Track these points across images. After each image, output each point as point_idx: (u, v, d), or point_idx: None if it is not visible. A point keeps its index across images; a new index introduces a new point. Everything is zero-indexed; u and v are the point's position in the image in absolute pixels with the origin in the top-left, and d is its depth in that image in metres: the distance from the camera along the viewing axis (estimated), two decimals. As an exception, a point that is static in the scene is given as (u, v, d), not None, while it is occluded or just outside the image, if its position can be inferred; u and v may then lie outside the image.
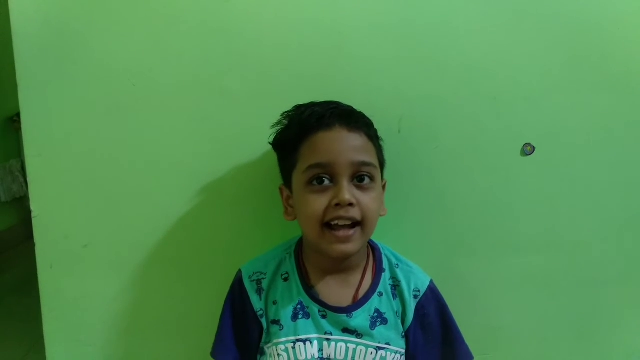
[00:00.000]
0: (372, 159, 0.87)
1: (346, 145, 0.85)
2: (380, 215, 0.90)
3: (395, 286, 0.92)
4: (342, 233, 0.83)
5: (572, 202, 1.12)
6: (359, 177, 0.84)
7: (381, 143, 0.94)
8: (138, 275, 1.09)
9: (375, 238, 0.92)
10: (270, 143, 0.94)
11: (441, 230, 1.10)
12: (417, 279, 0.93)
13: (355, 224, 0.83)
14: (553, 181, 1.10)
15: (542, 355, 1.18)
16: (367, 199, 0.84)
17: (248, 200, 1.07)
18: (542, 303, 1.15)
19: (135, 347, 1.13)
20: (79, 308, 1.10)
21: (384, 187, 0.94)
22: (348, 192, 0.82)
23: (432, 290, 0.93)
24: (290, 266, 0.92)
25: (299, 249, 0.94)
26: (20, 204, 3.24)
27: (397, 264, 0.94)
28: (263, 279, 0.91)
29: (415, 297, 0.91)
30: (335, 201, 0.81)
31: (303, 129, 0.87)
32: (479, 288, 1.14)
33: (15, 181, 3.17)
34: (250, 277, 0.92)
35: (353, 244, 0.84)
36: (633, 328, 1.19)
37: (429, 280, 0.94)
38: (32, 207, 1.06)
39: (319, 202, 0.83)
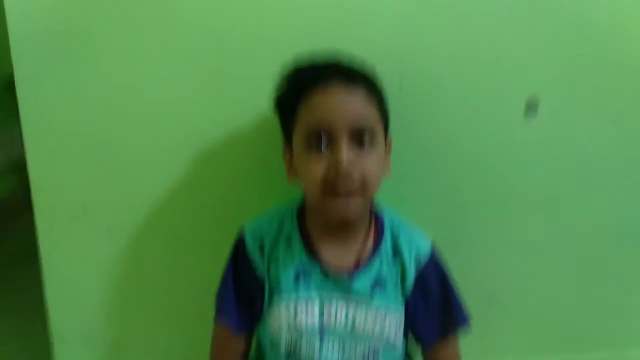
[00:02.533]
0: (372, 119, 0.84)
1: (344, 106, 0.82)
2: (384, 176, 0.89)
3: (397, 252, 0.91)
4: (342, 197, 0.81)
5: (574, 164, 1.11)
6: (359, 139, 0.82)
7: (384, 95, 0.90)
8: (138, 237, 1.09)
9: (376, 197, 0.91)
10: (271, 103, 0.92)
11: (443, 190, 1.10)
12: (418, 246, 0.92)
13: (355, 188, 0.82)
14: (557, 142, 1.09)
15: (541, 316, 1.20)
16: (367, 162, 0.82)
17: (250, 162, 1.06)
18: (542, 265, 1.16)
19: (135, 309, 1.14)
20: (80, 270, 1.10)
21: (389, 145, 0.92)
22: (347, 159, 0.79)
23: (434, 258, 0.92)
24: (292, 228, 0.91)
25: (301, 209, 0.94)
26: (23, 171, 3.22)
27: (399, 228, 0.93)
28: (265, 239, 0.91)
29: (417, 264, 0.90)
30: (334, 165, 0.80)
31: (300, 88, 0.84)
32: (480, 249, 1.14)
33: (13, 147, 3.14)
34: (253, 237, 0.91)
35: (354, 208, 0.83)
36: (632, 287, 1.20)
37: (430, 245, 0.93)
38: (29, 171, 1.04)
39: (318, 167, 0.81)
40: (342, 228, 0.89)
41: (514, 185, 1.11)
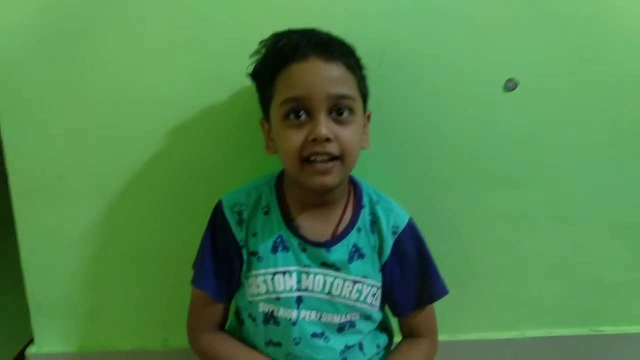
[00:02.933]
0: (351, 90, 0.84)
1: (322, 77, 0.81)
2: (363, 148, 0.89)
3: (374, 222, 0.92)
4: (320, 166, 0.81)
5: (551, 138, 1.12)
6: (338, 110, 0.82)
7: (364, 73, 0.91)
8: (114, 205, 1.09)
9: (355, 171, 0.91)
10: (248, 74, 0.91)
11: (422, 164, 1.11)
12: (396, 216, 0.92)
13: (333, 158, 0.82)
14: (534, 117, 1.10)
15: (517, 288, 1.22)
16: (346, 133, 0.82)
17: (228, 132, 1.06)
18: (519, 238, 1.18)
19: (115, 277, 1.14)
20: (55, 239, 1.10)
21: (368, 117, 0.92)
22: (325, 126, 0.79)
23: (411, 227, 0.93)
24: (271, 199, 0.91)
25: (280, 182, 0.94)
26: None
27: (378, 201, 0.93)
28: (244, 210, 0.91)
29: (394, 233, 0.91)
30: (311, 136, 0.80)
31: (278, 59, 0.83)
32: (458, 222, 1.15)
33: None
34: (231, 208, 0.91)
35: (332, 176, 0.82)
36: (605, 262, 1.22)
37: (408, 217, 0.94)
38: (3, 137, 1.03)
39: (296, 137, 0.81)
40: (320, 199, 0.89)
41: (493, 161, 1.12)
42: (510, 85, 1.06)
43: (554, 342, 1.24)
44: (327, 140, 0.80)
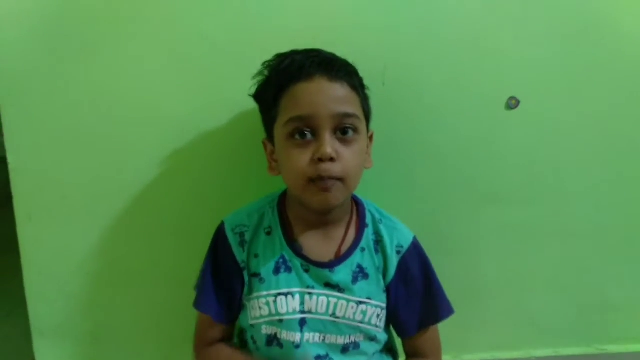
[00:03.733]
0: (355, 109, 0.84)
1: (327, 96, 0.81)
2: (366, 168, 0.89)
3: (378, 241, 0.91)
4: (324, 186, 0.81)
5: (553, 156, 1.13)
6: (342, 130, 0.82)
7: (367, 92, 0.91)
8: (117, 227, 1.08)
9: (357, 190, 0.91)
10: (251, 95, 0.92)
11: (424, 183, 1.11)
12: (400, 235, 0.92)
13: (336, 178, 0.82)
14: (536, 134, 1.11)
15: (522, 307, 1.21)
16: (349, 153, 0.82)
17: (231, 153, 1.06)
18: (522, 255, 1.17)
19: (117, 299, 1.13)
20: (60, 261, 1.09)
21: (370, 138, 0.92)
22: (330, 146, 0.80)
23: (415, 246, 0.93)
24: (273, 220, 0.91)
25: (282, 202, 0.93)
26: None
27: (381, 220, 0.93)
28: (246, 231, 0.90)
29: (398, 252, 0.91)
30: (317, 155, 0.79)
31: (282, 79, 0.83)
32: (461, 241, 1.15)
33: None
34: (233, 230, 0.91)
35: (335, 194, 0.82)
36: (610, 280, 1.21)
37: (413, 236, 0.93)
38: (8, 159, 1.03)
39: (301, 157, 0.81)
40: (323, 218, 0.89)
41: (495, 179, 1.12)
42: (513, 104, 1.07)
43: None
44: (332, 159, 0.80)
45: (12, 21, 0.98)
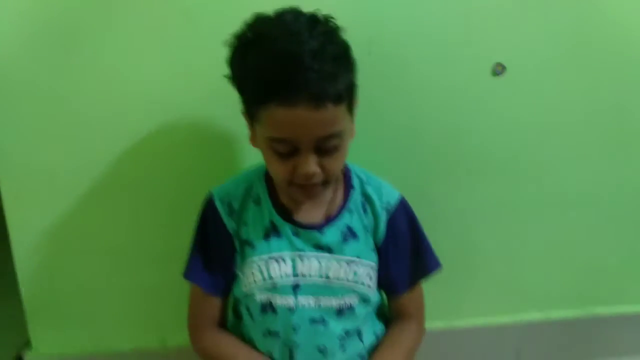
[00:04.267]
0: (341, 124, 0.78)
1: (311, 124, 0.75)
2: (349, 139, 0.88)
3: (366, 202, 0.92)
4: (307, 189, 0.82)
5: (542, 122, 1.13)
6: (326, 145, 0.78)
7: (355, 73, 0.84)
8: (109, 205, 1.09)
9: (347, 161, 0.91)
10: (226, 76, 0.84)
11: (412, 153, 1.12)
12: (387, 194, 0.93)
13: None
14: (523, 101, 1.11)
15: (513, 271, 1.23)
16: (333, 161, 0.80)
17: (214, 124, 1.06)
18: (513, 222, 1.19)
19: (109, 278, 1.14)
20: (49, 240, 1.09)
21: (355, 108, 0.88)
22: (312, 165, 0.78)
23: (403, 204, 0.93)
24: (261, 188, 0.91)
25: (269, 173, 0.93)
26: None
27: (367, 181, 0.93)
28: (234, 200, 0.91)
29: (387, 210, 0.91)
30: (299, 172, 0.78)
31: (261, 91, 0.75)
32: (451, 209, 1.16)
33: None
34: (221, 199, 0.91)
35: (319, 192, 0.84)
36: (599, 244, 1.23)
37: (399, 194, 0.94)
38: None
39: (282, 168, 0.80)
40: None
41: (483, 147, 1.13)
42: (499, 70, 1.07)
43: (550, 325, 1.25)
44: (315, 177, 0.79)
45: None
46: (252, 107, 0.80)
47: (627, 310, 1.27)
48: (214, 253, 0.91)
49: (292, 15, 0.79)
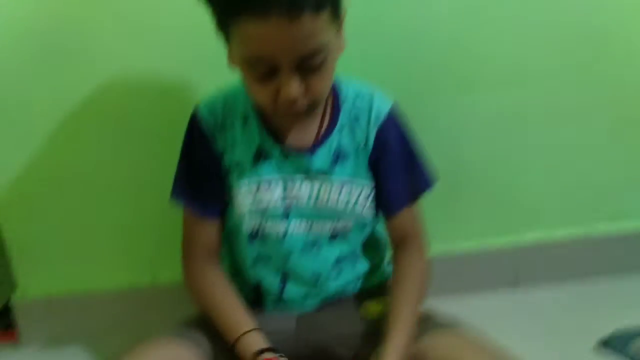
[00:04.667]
0: (322, 37, 0.70)
1: (287, 39, 0.67)
2: (339, 52, 0.80)
3: (356, 118, 0.86)
4: (292, 114, 0.75)
5: (538, 32, 1.09)
6: (308, 62, 0.71)
7: None
8: (93, 137, 1.05)
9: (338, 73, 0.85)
10: None
11: (408, 65, 1.07)
12: (378, 107, 0.86)
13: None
14: (520, 10, 1.06)
15: (510, 190, 1.20)
16: (318, 79, 0.73)
17: (197, 37, 0.97)
18: (508, 139, 1.16)
19: (96, 214, 1.11)
20: (32, 176, 1.06)
21: (342, 18, 0.79)
22: (294, 86, 0.70)
23: (393, 115, 0.87)
24: (248, 106, 0.85)
25: None
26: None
27: (359, 95, 0.87)
28: (221, 114, 0.85)
29: (376, 123, 0.86)
30: (281, 97, 0.71)
31: (229, 1, 0.68)
32: (448, 124, 1.13)
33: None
34: (208, 111, 0.85)
35: (306, 114, 0.77)
36: (597, 160, 1.21)
37: (390, 104, 0.87)
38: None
39: (263, 93, 0.73)
40: None
41: (478, 58, 1.09)
42: None
43: (548, 246, 1.23)
44: (297, 100, 0.72)
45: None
46: (223, 21, 0.71)
47: (628, 225, 1.26)
48: (201, 172, 0.87)
49: None
